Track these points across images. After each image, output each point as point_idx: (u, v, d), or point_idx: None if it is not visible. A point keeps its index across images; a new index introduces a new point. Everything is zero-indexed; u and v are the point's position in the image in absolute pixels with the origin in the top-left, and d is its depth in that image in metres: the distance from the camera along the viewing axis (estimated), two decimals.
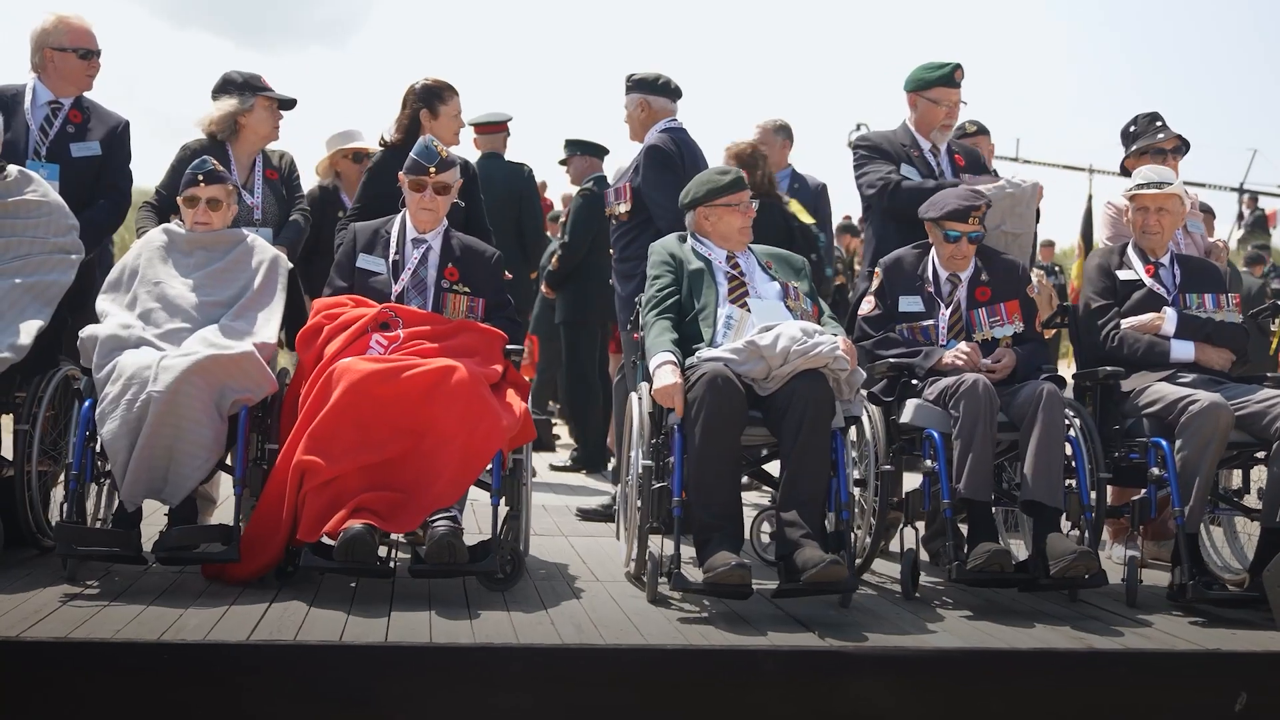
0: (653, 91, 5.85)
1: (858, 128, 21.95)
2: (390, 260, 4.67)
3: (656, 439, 4.36)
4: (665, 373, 4.22)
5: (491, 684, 3.47)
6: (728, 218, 4.69)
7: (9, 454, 4.41)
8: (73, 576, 4.09)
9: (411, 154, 4.70)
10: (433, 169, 4.65)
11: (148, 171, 5.71)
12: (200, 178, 4.65)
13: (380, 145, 5.54)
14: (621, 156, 5.17)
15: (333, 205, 6.05)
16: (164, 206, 5.10)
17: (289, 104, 5.25)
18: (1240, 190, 30.32)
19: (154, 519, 4.55)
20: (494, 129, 7.64)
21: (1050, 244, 15.60)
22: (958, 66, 5.24)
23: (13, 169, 4.67)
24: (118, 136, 5.18)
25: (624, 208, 5.68)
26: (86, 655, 3.36)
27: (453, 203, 4.82)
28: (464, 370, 4.26)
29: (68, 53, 5.08)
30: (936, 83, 5.26)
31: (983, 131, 6.44)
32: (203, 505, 4.78)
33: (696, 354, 4.31)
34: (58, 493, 4.58)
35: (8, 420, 4.51)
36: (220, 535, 4.11)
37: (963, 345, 4.59)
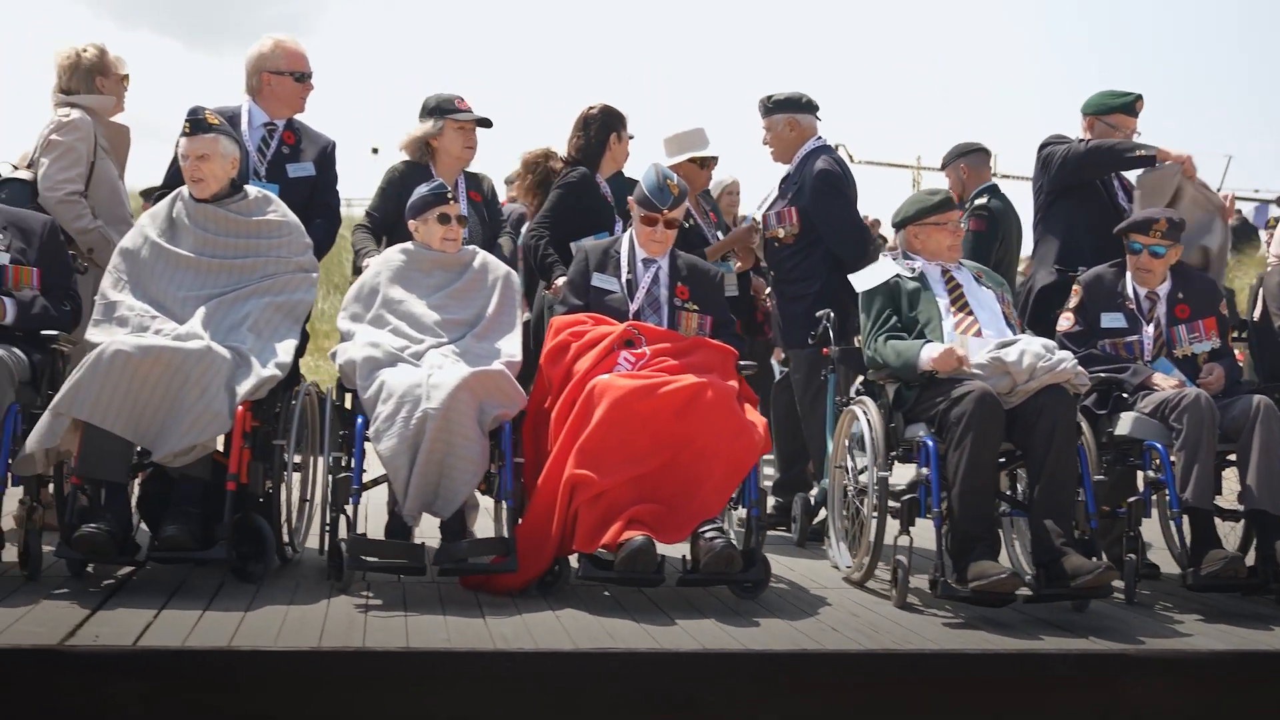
0: (800, 110, 5.98)
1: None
2: (623, 279, 4.82)
3: (896, 451, 4.55)
4: (933, 347, 4.49)
5: (802, 689, 3.64)
6: (936, 235, 4.88)
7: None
8: (346, 588, 4.23)
9: (644, 189, 4.83)
10: (665, 209, 4.81)
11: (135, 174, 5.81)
12: (450, 196, 4.79)
13: (564, 162, 5.70)
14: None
15: None
16: (378, 228, 5.24)
17: (484, 123, 5.36)
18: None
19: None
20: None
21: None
22: (1139, 97, 5.45)
23: (253, 190, 4.78)
24: (328, 156, 5.30)
25: (790, 230, 5.81)
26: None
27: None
28: (717, 385, 4.43)
29: (284, 76, 5.20)
30: (1117, 109, 5.46)
31: None
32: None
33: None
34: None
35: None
36: (499, 548, 4.25)
37: (1172, 381, 4.77)
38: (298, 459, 4.76)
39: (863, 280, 4.83)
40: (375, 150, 27.30)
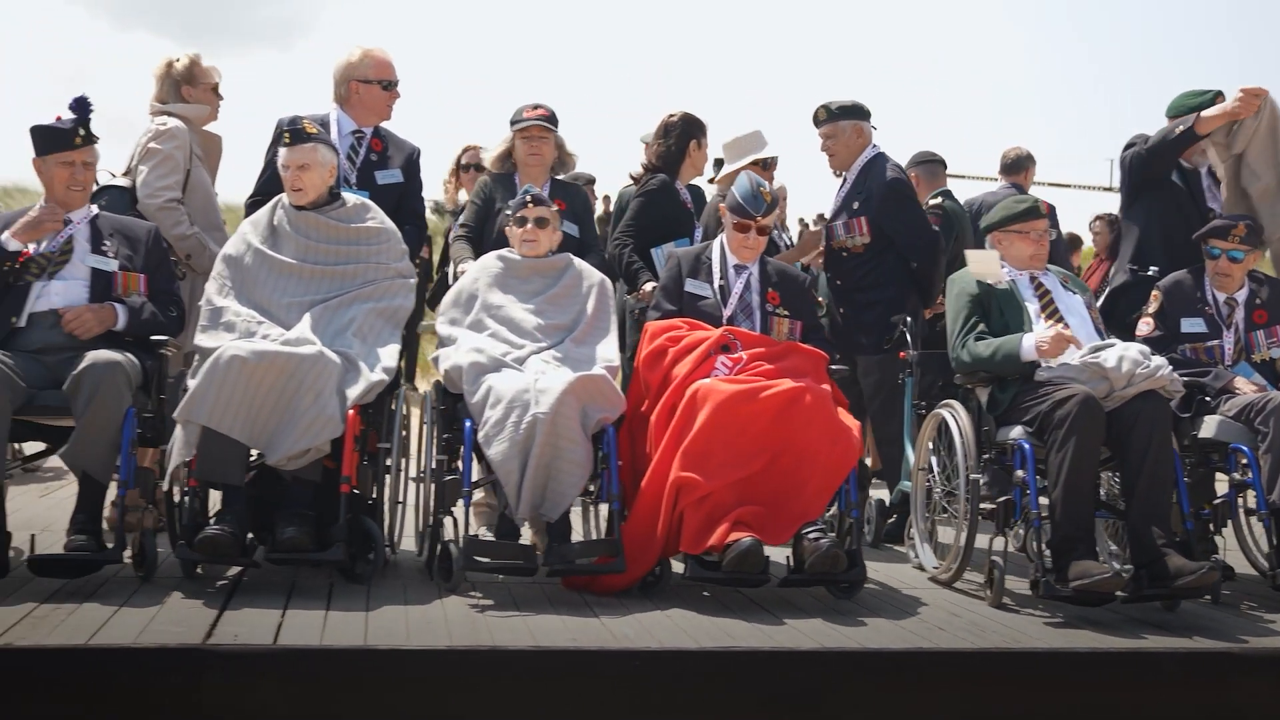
0: (864, 118, 6.02)
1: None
2: (715, 285, 4.90)
3: (989, 454, 4.63)
4: (1036, 334, 4.61)
5: (924, 687, 3.72)
6: (1019, 244, 4.97)
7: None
8: (454, 588, 4.30)
9: (738, 196, 4.91)
10: (759, 216, 4.89)
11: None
12: (529, 200, 4.88)
13: (645, 169, 5.78)
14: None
15: None
16: (474, 236, 5.32)
17: (548, 125, 5.40)
18: None
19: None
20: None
21: None
22: (1218, 94, 5.52)
23: (350, 196, 4.86)
24: (414, 163, 5.38)
25: (859, 240, 5.87)
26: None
27: None
28: (814, 390, 4.51)
29: (372, 84, 5.27)
30: (1198, 109, 5.53)
31: None
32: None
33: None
34: None
35: None
36: (607, 549, 4.33)
37: (1253, 385, 4.86)
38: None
39: (978, 262, 4.89)
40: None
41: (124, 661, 3.40)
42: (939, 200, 6.73)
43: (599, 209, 13.48)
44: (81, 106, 4.66)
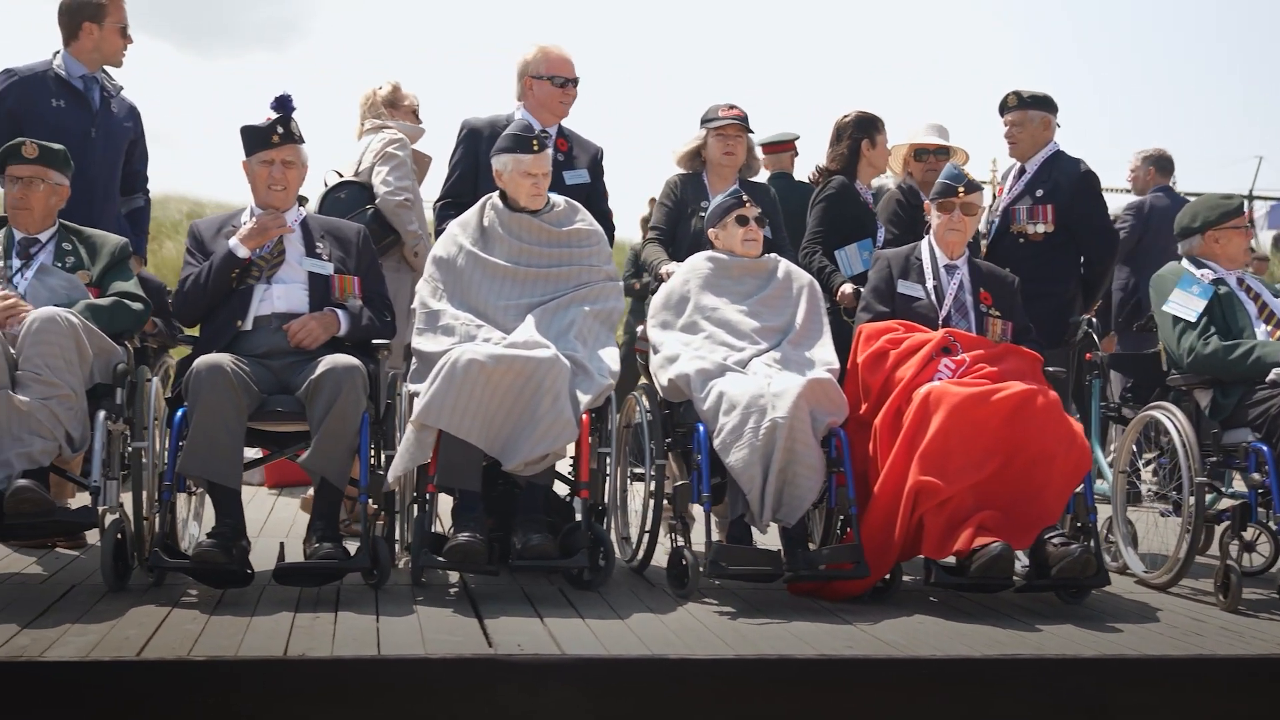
0: (1051, 110, 5.94)
1: None
2: (929, 285, 4.84)
3: (1216, 458, 4.58)
4: None
5: (1209, 692, 3.66)
6: (1236, 239, 4.93)
7: None
8: (689, 596, 4.24)
9: (942, 177, 4.88)
10: (961, 189, 4.83)
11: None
12: (745, 199, 4.82)
13: (819, 173, 5.74)
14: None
15: None
16: (665, 239, 5.26)
17: (744, 127, 5.37)
18: (1250, 198, 31.20)
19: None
20: (782, 148, 7.75)
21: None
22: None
23: (559, 199, 4.80)
24: (598, 163, 5.34)
25: (1042, 228, 5.81)
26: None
27: None
28: (1045, 392, 4.45)
29: (544, 80, 5.21)
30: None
31: None
32: None
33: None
34: None
35: None
36: (849, 555, 4.26)
37: None
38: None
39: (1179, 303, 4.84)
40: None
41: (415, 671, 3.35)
42: None
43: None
44: (282, 105, 4.60)
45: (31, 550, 4.65)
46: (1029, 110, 5.88)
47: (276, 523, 5.69)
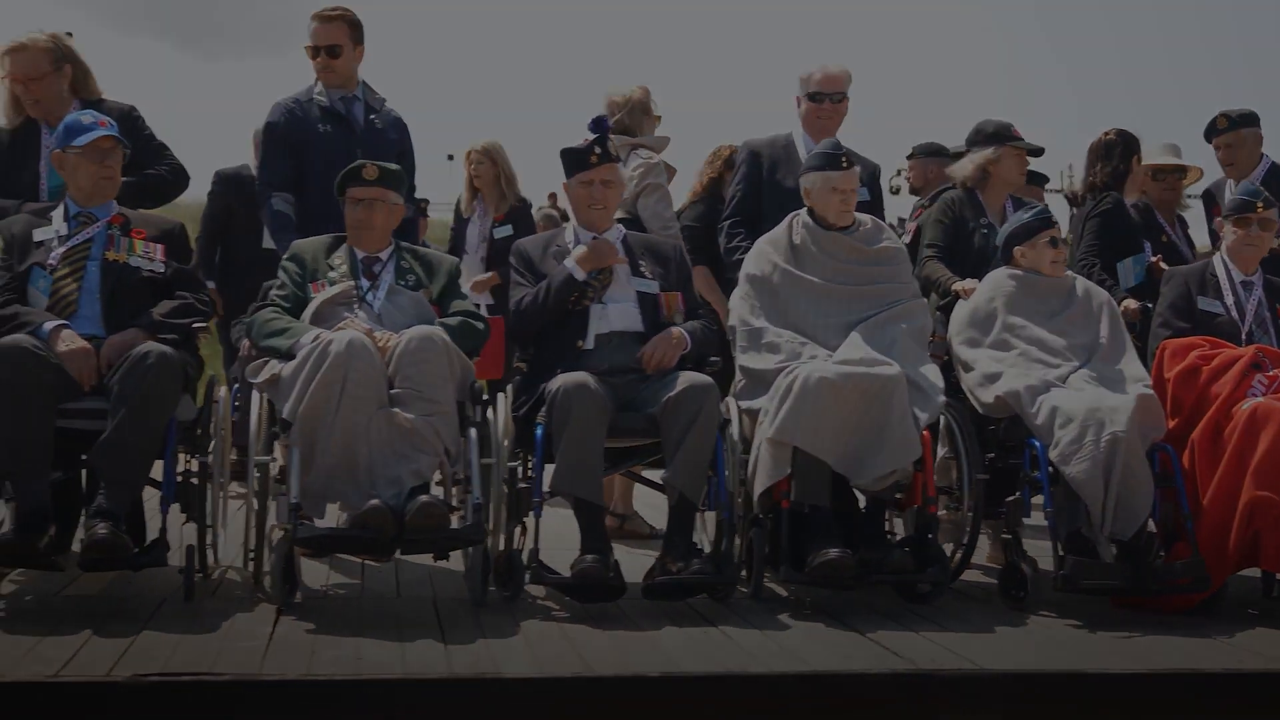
0: (1258, 125, 6.07)
1: None
2: (1228, 302, 4.93)
3: None
4: None
5: None
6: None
7: None
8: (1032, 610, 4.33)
9: (1238, 193, 4.96)
10: (1260, 205, 4.93)
11: None
12: (1055, 221, 4.91)
13: (1087, 190, 5.84)
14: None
15: None
16: (945, 257, 5.29)
17: (1037, 152, 5.47)
18: None
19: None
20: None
21: None
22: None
23: (864, 217, 4.89)
24: (875, 180, 5.47)
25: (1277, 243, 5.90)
26: None
27: None
28: None
29: (803, 98, 5.43)
30: None
31: None
32: None
33: None
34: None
35: None
36: (1191, 570, 4.33)
37: None
38: None
39: None
40: (450, 157, 28.50)
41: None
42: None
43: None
44: (599, 125, 4.70)
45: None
46: (1240, 130, 6.01)
47: None
